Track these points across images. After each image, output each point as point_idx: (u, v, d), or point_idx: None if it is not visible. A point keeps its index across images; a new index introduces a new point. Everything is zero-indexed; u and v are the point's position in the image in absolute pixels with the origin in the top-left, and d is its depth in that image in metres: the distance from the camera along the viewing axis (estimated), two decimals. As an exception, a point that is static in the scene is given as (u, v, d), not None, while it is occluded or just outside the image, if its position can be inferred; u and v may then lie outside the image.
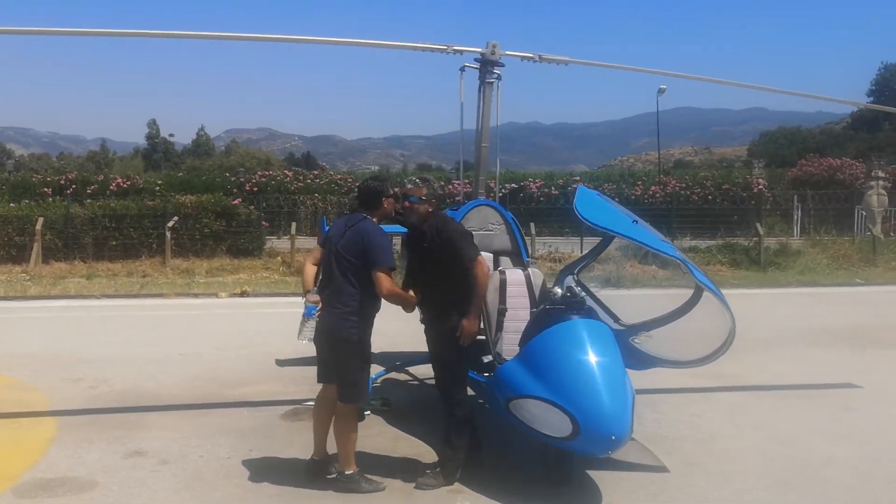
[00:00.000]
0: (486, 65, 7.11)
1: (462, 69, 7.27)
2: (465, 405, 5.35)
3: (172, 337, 10.85)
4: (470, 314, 5.23)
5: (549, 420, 4.88)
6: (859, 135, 68.36)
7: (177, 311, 13.57)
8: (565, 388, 4.85)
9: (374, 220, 5.25)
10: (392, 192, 5.40)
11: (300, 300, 5.50)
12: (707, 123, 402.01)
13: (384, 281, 4.96)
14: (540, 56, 7.14)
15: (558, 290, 5.52)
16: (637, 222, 5.70)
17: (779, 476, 5.51)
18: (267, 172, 33.72)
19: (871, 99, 71.34)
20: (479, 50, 7.08)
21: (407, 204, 5.45)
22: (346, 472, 5.19)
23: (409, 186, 5.48)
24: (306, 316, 5.14)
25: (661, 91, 33.87)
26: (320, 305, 5.11)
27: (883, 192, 27.33)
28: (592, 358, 4.97)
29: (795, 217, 29.03)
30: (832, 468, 5.67)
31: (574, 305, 5.39)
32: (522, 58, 7.16)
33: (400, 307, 5.27)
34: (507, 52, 7.09)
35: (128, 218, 21.24)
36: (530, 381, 5.02)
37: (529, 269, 6.73)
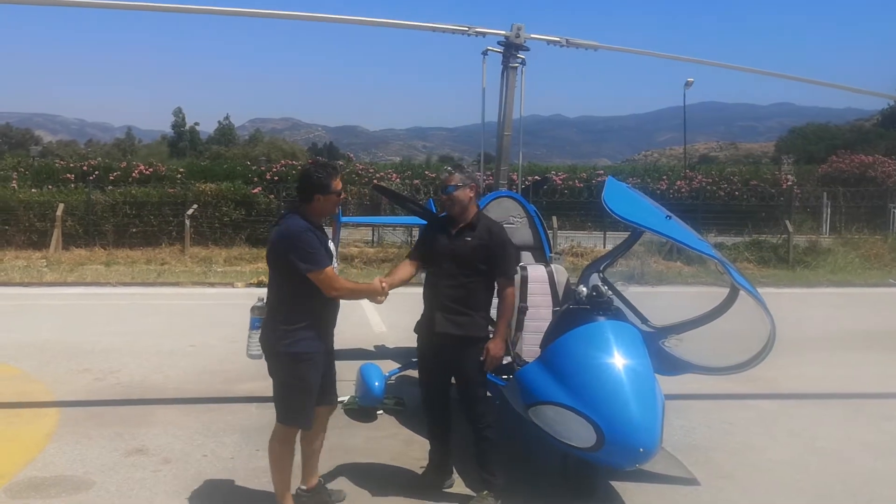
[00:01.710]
0: (510, 48, 6.74)
1: (484, 53, 6.91)
2: (494, 426, 4.86)
3: (185, 327, 10.63)
4: (496, 337, 4.77)
5: (571, 429, 4.53)
6: (890, 132, 66.78)
7: (191, 301, 13.38)
8: (590, 395, 4.50)
9: (305, 215, 4.42)
10: (336, 188, 4.48)
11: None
12: (732, 118, 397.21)
13: (326, 282, 4.33)
14: (567, 40, 6.76)
15: (583, 289, 5.15)
16: (671, 218, 5.33)
17: (820, 491, 5.12)
18: (288, 161, 33.58)
19: (904, 95, 69.78)
20: (503, 32, 6.71)
21: (445, 196, 4.84)
22: None
23: (445, 175, 4.95)
24: (251, 329, 4.58)
25: (688, 84, 33.06)
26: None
27: (917, 190, 26.63)
28: (620, 363, 4.62)
29: (825, 215, 28.35)
30: (877, 484, 5.27)
31: (600, 305, 5.02)
32: (549, 41, 6.76)
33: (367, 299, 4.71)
34: (533, 36, 6.70)
35: (148, 205, 21.19)
36: (552, 387, 4.67)
37: (552, 266, 6.40)
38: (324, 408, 4.69)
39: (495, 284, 4.86)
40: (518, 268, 5.92)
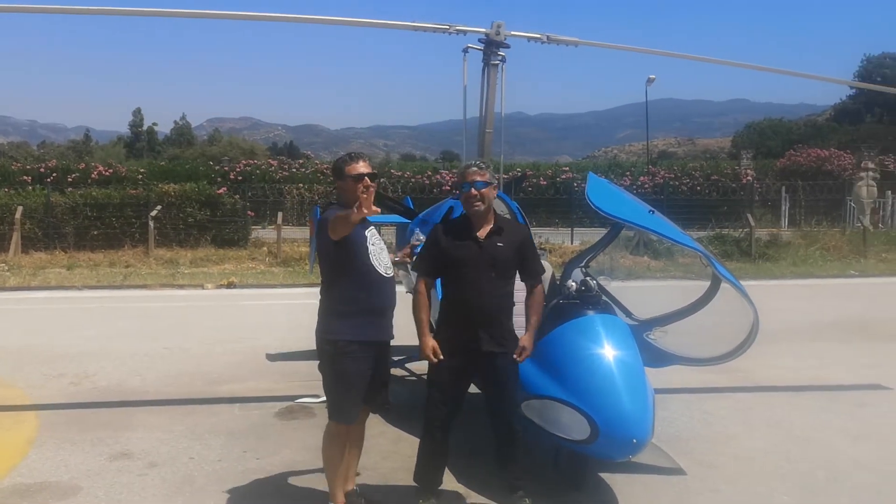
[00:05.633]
0: (491, 46, 6.78)
1: (465, 50, 6.93)
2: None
3: (157, 330, 10.48)
4: (528, 332, 4.64)
5: (565, 422, 4.59)
6: (842, 127, 68.42)
7: (161, 303, 13.18)
8: (582, 388, 4.56)
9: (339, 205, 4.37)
10: (350, 173, 4.33)
11: (288, 291, 5.11)
12: (688, 115, 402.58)
13: (331, 223, 4.19)
14: (548, 37, 6.80)
15: (573, 284, 5.21)
16: (653, 212, 5.41)
17: (803, 479, 5.24)
18: (251, 161, 33.29)
19: (855, 92, 71.57)
20: (484, 30, 6.73)
21: (474, 192, 4.49)
22: None
23: (473, 169, 4.55)
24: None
25: (650, 81, 33.56)
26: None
27: (872, 183, 27.35)
28: (611, 356, 4.69)
29: (783, 208, 28.94)
30: (858, 470, 5.40)
31: (590, 300, 5.09)
32: (529, 38, 6.80)
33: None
34: (513, 33, 6.74)
35: (110, 207, 20.79)
36: (544, 381, 4.73)
37: (537, 262, 6.42)
38: (364, 408, 4.61)
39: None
40: None
